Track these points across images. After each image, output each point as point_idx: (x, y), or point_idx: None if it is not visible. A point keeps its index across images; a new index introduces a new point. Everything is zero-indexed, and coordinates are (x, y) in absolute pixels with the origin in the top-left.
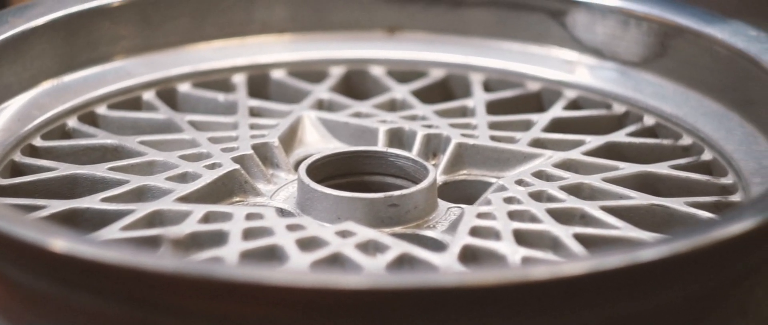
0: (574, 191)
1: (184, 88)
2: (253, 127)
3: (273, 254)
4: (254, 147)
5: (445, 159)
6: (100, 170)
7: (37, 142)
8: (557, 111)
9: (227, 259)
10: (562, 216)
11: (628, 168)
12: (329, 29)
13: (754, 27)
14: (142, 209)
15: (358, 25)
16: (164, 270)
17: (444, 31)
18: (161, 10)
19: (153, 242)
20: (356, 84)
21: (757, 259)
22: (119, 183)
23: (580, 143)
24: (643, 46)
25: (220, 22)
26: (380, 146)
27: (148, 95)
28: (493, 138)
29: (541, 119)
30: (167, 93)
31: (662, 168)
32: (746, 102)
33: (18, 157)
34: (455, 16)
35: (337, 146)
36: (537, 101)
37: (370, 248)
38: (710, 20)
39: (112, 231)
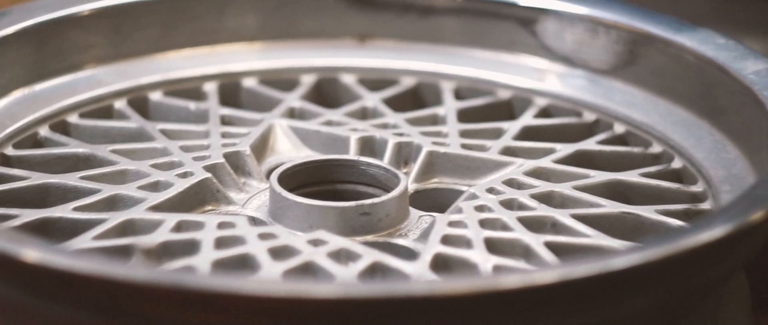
0: (545, 199)
1: (155, 96)
2: (224, 135)
3: (245, 263)
4: (226, 156)
5: (416, 167)
6: (72, 179)
7: (9, 151)
8: (528, 119)
9: (199, 268)
10: (534, 224)
11: (598, 176)
12: (300, 37)
13: (722, 35)
14: (114, 218)
15: (329, 34)
16: (136, 280)
17: (415, 39)
18: (132, 18)
19: (125, 252)
20: (327, 92)
21: (728, 267)
22: (91, 192)
23: (550, 151)
24: (612, 54)
25: (191, 30)
26: (352, 155)
27: (120, 104)
28: (464, 146)
29: (512, 127)
30: (138, 101)
31: (632, 176)
32: (715, 110)
33: None
34: (426, 24)
35: (308, 155)
36: (508, 109)
37: (342, 256)
38: (679, 28)
39: (84, 240)
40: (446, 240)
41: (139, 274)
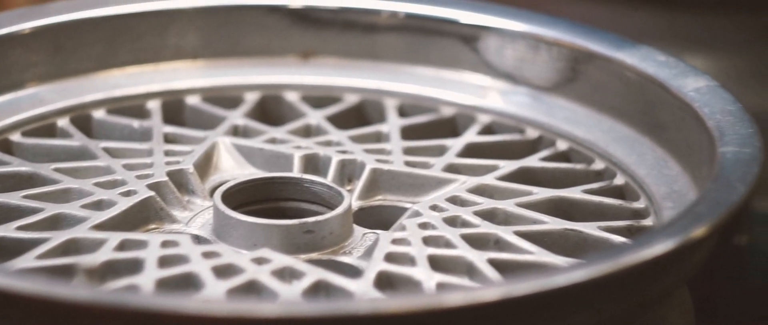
0: (489, 216)
1: (98, 114)
2: (168, 153)
3: (189, 282)
4: (169, 174)
5: (360, 185)
6: (14, 198)
7: None
8: (471, 136)
9: (143, 287)
10: (477, 241)
11: (541, 193)
12: (243, 55)
13: (663, 52)
14: (57, 238)
15: (272, 51)
16: (78, 300)
17: (358, 57)
18: (74, 36)
19: (68, 271)
20: (271, 110)
21: (670, 283)
22: (34, 211)
23: (494, 168)
24: (554, 72)
25: (134, 48)
26: (295, 172)
27: (63, 122)
28: (407, 163)
29: (455, 144)
30: (82, 120)
31: (575, 193)
32: (657, 126)
33: None
34: (369, 41)
35: (252, 172)
36: (451, 126)
37: (285, 274)
38: (620, 45)
39: (27, 260)
40: (390, 258)
41: (82, 294)
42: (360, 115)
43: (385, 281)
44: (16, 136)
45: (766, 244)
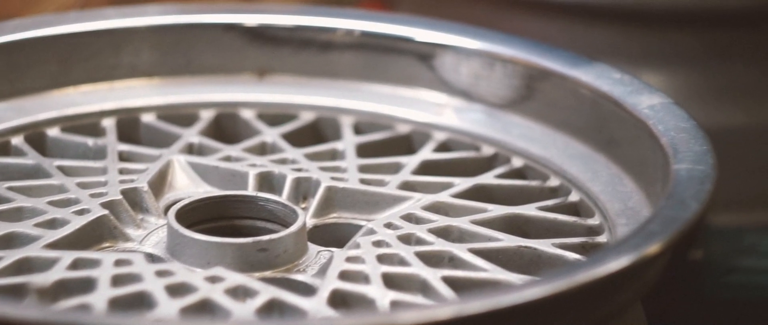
0: (443, 233)
1: (52, 133)
2: (122, 171)
3: (142, 301)
4: (123, 192)
5: (315, 202)
6: None
7: None
8: (426, 153)
9: (95, 306)
10: (431, 259)
11: (496, 210)
12: (199, 73)
13: (618, 69)
14: (10, 257)
15: (228, 69)
16: (30, 319)
17: (314, 75)
18: (28, 54)
19: (20, 291)
20: (227, 127)
21: (624, 300)
22: None
23: (449, 185)
24: (509, 89)
25: (88, 66)
26: (250, 190)
27: (17, 140)
28: (362, 181)
29: (411, 162)
30: (36, 138)
31: (530, 210)
32: (611, 143)
33: None
34: (325, 59)
35: (207, 190)
36: (407, 144)
37: (239, 293)
38: (575, 63)
39: None
40: (344, 276)
41: (33, 313)
42: (316, 132)
43: (338, 300)
44: None
45: (722, 258)
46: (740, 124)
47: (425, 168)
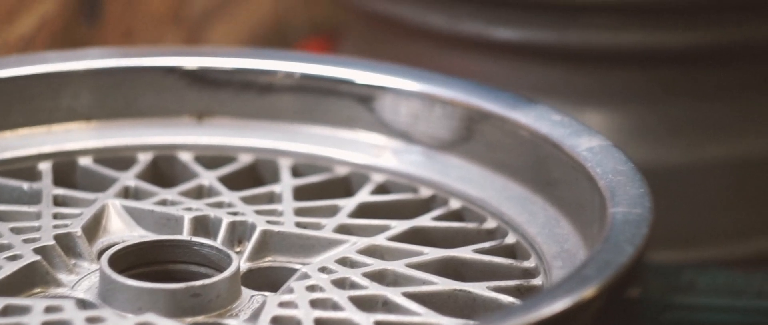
0: (378, 277)
1: None
2: (56, 216)
3: None
4: (56, 237)
5: (250, 246)
6: None
7: None
8: (364, 196)
9: None
10: (365, 303)
11: (432, 253)
12: (138, 116)
13: (558, 111)
14: None
15: (167, 111)
16: None
17: (253, 117)
18: None
19: None
20: (164, 170)
21: None
22: None
23: (385, 228)
24: (449, 130)
25: (27, 109)
26: (185, 235)
27: None
28: (298, 224)
29: (348, 204)
30: None
31: (466, 252)
32: (549, 185)
33: None
34: (264, 101)
35: (142, 235)
36: (345, 186)
37: None
38: (515, 104)
39: None
40: (276, 321)
41: None
42: (254, 175)
43: None
44: None
45: (659, 296)
46: (680, 162)
47: (363, 210)
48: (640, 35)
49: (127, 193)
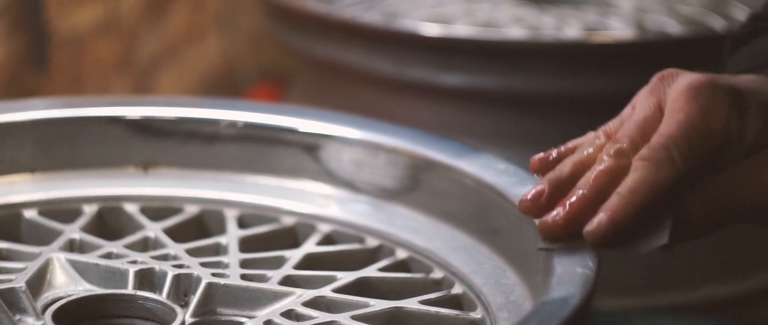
0: None
1: None
2: (0, 271)
3: None
4: (0, 293)
5: (195, 300)
6: None
7: None
8: (310, 247)
9: None
10: None
11: (378, 305)
12: (82, 167)
13: (502, 160)
14: None
15: (112, 162)
16: None
17: (199, 167)
18: None
19: None
20: (110, 222)
21: None
22: None
23: (332, 279)
24: (395, 180)
25: None
26: (129, 289)
27: None
28: (244, 277)
29: (294, 256)
30: None
31: (413, 303)
32: (495, 234)
33: None
34: (210, 152)
35: (87, 289)
36: (292, 236)
37: None
38: (461, 153)
39: None
40: None
41: None
42: (200, 226)
43: None
44: None
45: None
46: None
47: (309, 262)
48: (584, 81)
49: (72, 246)
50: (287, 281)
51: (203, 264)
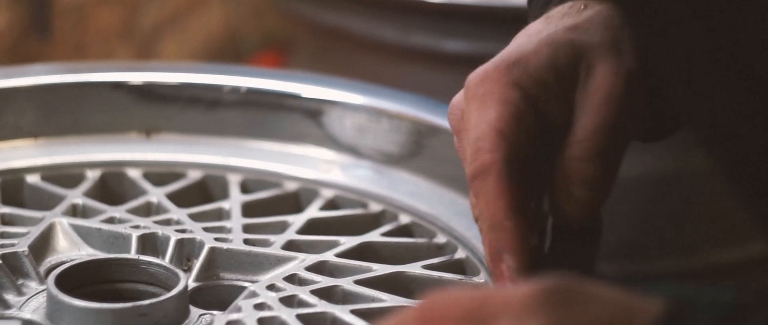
0: (326, 294)
1: None
2: (3, 235)
3: None
4: (3, 257)
5: (198, 264)
6: None
7: None
8: (313, 212)
9: None
10: (313, 321)
11: (381, 269)
12: (85, 132)
13: None
14: None
15: (115, 128)
16: None
17: (202, 133)
18: None
19: None
20: (113, 187)
21: None
22: None
23: (335, 244)
24: (398, 145)
25: None
26: (132, 253)
27: None
28: (247, 241)
29: (297, 221)
30: None
31: (416, 268)
32: None
33: None
34: (213, 117)
35: (89, 254)
36: (295, 201)
37: None
38: None
39: None
40: None
41: None
42: (203, 191)
43: None
44: None
45: None
46: (631, 175)
47: (311, 227)
48: None
49: (74, 211)
50: (290, 245)
51: (206, 229)
